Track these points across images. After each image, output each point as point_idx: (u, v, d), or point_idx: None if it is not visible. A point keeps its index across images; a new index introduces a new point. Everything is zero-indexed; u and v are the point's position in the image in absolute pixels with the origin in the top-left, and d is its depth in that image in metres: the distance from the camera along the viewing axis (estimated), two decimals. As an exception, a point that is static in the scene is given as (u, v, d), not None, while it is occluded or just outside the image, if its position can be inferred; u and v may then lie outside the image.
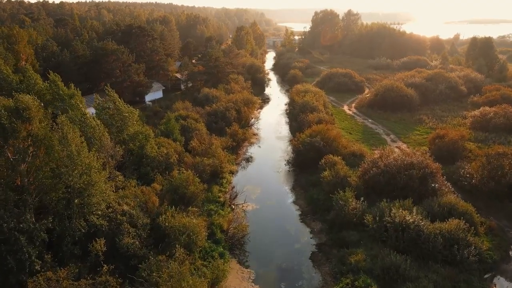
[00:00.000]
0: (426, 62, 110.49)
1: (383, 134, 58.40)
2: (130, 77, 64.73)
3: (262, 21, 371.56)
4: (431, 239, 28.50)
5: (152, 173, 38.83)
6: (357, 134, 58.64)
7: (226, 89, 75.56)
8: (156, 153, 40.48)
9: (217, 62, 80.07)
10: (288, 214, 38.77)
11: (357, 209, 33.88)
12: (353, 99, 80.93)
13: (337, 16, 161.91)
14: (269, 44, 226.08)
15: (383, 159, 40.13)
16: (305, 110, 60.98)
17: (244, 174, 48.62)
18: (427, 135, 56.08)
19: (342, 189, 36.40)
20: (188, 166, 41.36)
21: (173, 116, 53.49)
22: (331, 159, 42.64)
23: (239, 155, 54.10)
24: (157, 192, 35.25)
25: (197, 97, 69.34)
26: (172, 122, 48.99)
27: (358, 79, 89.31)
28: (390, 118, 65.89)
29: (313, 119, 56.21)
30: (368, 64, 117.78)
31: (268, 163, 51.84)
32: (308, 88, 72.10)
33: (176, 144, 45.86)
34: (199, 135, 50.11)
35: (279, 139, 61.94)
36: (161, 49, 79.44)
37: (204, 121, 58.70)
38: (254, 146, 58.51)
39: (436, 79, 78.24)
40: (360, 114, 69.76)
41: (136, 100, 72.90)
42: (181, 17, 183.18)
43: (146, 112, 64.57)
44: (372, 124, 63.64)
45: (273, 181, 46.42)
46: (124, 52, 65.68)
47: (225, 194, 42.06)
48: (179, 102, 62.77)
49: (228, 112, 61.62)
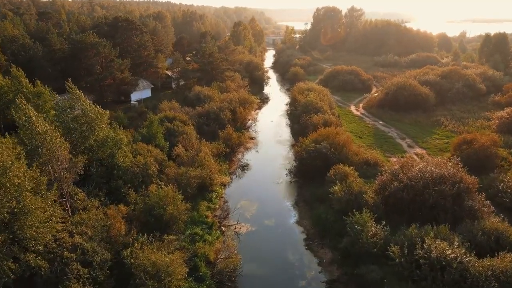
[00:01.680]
0: (436, 59, 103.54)
1: (398, 138, 51.37)
2: (112, 74, 57.70)
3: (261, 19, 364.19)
4: (482, 283, 21.48)
5: (125, 187, 31.79)
6: (368, 138, 51.61)
7: (221, 87, 68.53)
8: (130, 163, 33.44)
9: (211, 58, 73.05)
10: (291, 239, 31.77)
11: (377, 236, 26.87)
12: (360, 99, 73.89)
13: (340, 12, 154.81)
14: (269, 43, 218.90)
15: (405, 170, 33.10)
16: (309, 110, 54.02)
17: (238, 186, 41.61)
18: (448, 140, 49.20)
19: (357, 208, 29.60)
20: (170, 178, 34.33)
21: (157, 118, 46.49)
22: (342, 169, 35.62)
23: (233, 163, 47.08)
24: (127, 214, 28.26)
25: (188, 97, 62.33)
26: (154, 125, 41.99)
27: (365, 77, 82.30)
28: (403, 119, 58.86)
29: (318, 121, 49.22)
30: (374, 62, 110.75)
31: (267, 172, 44.85)
32: (311, 86, 65.12)
33: (157, 151, 38.86)
34: (186, 140, 43.09)
35: (279, 143, 54.94)
36: (150, 43, 72.40)
37: (194, 123, 51.73)
38: (251, 152, 51.51)
39: (452, 77, 71.23)
40: (369, 115, 62.73)
41: (121, 100, 65.94)
42: (177, 14, 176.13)
43: (130, 113, 57.56)
44: (384, 126, 56.60)
45: (272, 194, 39.41)
46: (106, 45, 58.65)
47: (215, 212, 35.05)
48: (165, 102, 55.74)
49: (222, 113, 54.63)
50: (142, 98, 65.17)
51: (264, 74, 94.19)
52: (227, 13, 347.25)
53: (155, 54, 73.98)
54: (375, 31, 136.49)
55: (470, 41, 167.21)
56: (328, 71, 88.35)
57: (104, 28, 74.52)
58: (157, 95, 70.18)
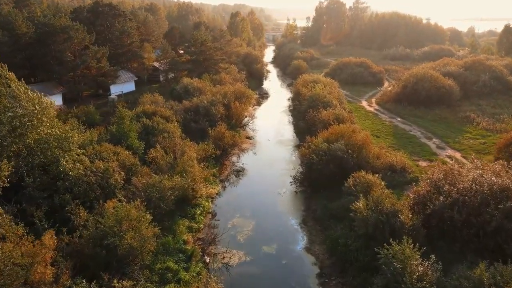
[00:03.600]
0: (451, 52, 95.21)
1: (423, 137, 42.98)
2: (86, 62, 49.28)
3: (261, 16, 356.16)
4: None
5: (74, 204, 23.38)
6: (387, 137, 43.22)
7: (214, 80, 60.19)
8: (84, 170, 25.04)
9: (204, 47, 64.63)
10: (298, 274, 23.36)
11: (427, 278, 18.48)
12: (372, 93, 65.53)
13: (344, 5, 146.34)
14: (268, 39, 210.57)
15: (450, 178, 24.75)
16: (316, 105, 45.71)
17: (230, 197, 33.22)
18: (485, 140, 40.91)
19: (390, 233, 21.45)
20: (138, 190, 25.95)
21: (132, 113, 38.17)
22: (364, 178, 27.22)
23: (225, 168, 38.69)
24: (70, 243, 19.93)
25: (175, 90, 53.92)
26: (126, 121, 33.59)
27: (376, 69, 73.88)
28: (425, 116, 50.44)
29: (327, 117, 40.88)
30: (383, 55, 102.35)
31: (266, 179, 36.52)
32: (317, 77, 56.75)
33: (127, 154, 30.48)
34: (167, 140, 34.73)
35: (281, 144, 46.59)
36: (135, 31, 63.97)
37: (180, 119, 43.43)
38: (247, 154, 43.19)
39: (476, 68, 62.91)
40: (385, 111, 54.34)
41: (99, 94, 57.55)
42: (172, 8, 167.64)
43: (106, 108, 49.19)
44: (404, 124, 48.21)
45: (273, 209, 31.01)
46: (79, 29, 50.21)
47: (198, 234, 26.66)
48: (146, 95, 47.34)
49: (213, 107, 46.27)
50: (122, 92, 56.69)
51: (263, 67, 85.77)
52: (226, 9, 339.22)
53: (141, 43, 65.55)
54: (382, 24, 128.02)
55: (481, 36, 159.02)
56: (334, 64, 79.89)
57: (83, 14, 66.05)
58: (142, 89, 61.73)
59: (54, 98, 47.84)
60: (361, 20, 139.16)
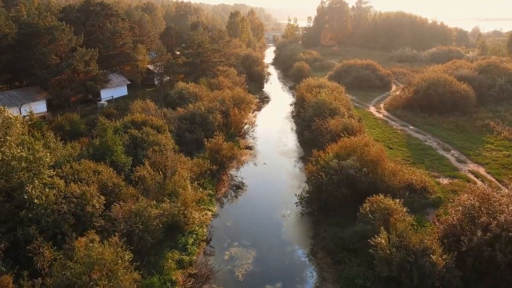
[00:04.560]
0: (459, 53, 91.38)
1: (440, 149, 39.13)
2: (72, 66, 45.46)
3: (261, 16, 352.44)
4: None
5: (41, 238, 19.60)
6: (401, 149, 39.38)
7: (212, 84, 56.39)
8: (54, 197, 21.24)
9: (201, 49, 60.81)
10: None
11: None
12: (379, 98, 61.71)
13: (346, 4, 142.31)
14: (269, 39, 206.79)
15: (487, 207, 20.95)
16: (322, 112, 41.95)
17: (228, 219, 29.38)
18: (508, 152, 37.16)
19: (419, 277, 17.78)
20: (119, 218, 22.13)
21: (119, 123, 34.35)
22: (383, 203, 23.38)
23: (223, 184, 34.87)
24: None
25: (169, 95, 50.09)
26: (109, 134, 29.75)
27: (383, 72, 69.98)
28: (440, 123, 46.63)
29: (335, 127, 37.11)
30: (389, 56, 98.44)
31: (269, 197, 32.72)
32: (322, 82, 52.91)
33: (110, 173, 26.67)
34: (157, 154, 30.93)
35: (284, 155, 42.79)
36: (127, 31, 60.13)
37: (174, 129, 39.63)
38: (247, 166, 39.40)
39: (491, 71, 59.07)
40: (395, 118, 50.51)
41: (89, 99, 53.72)
42: (170, 8, 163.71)
43: (94, 115, 45.33)
44: (417, 133, 44.38)
45: (276, 236, 27.16)
46: (65, 30, 46.38)
47: (189, 269, 22.82)
48: (137, 101, 43.51)
49: (210, 115, 42.52)
50: (113, 96, 52.81)
51: (264, 70, 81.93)
52: (225, 9, 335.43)
53: (134, 44, 61.71)
54: (386, 24, 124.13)
55: (486, 36, 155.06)
56: (339, 66, 76.00)
57: (73, 13, 62.23)
58: (135, 93, 57.93)
59: (37, 105, 44.29)
60: (364, 20, 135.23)
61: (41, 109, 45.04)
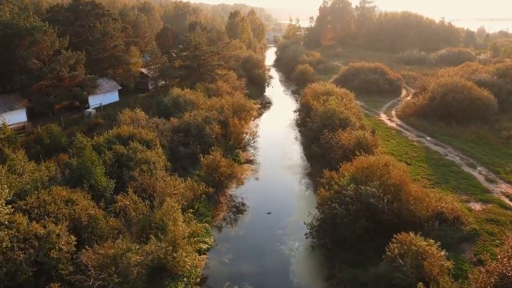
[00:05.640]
0: (470, 54, 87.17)
1: (464, 164, 34.89)
2: (55, 70, 41.28)
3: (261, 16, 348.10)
4: None
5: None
6: (420, 165, 35.09)
7: (210, 89, 52.20)
8: (8, 243, 17.04)
9: (198, 51, 56.59)
10: None
11: None
12: (390, 104, 57.46)
13: (349, 4, 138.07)
14: (269, 40, 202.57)
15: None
16: (331, 123, 37.81)
17: (226, 254, 25.15)
18: (543, 169, 32.88)
19: None
20: (90, 268, 17.90)
21: (102, 139, 30.15)
22: (415, 244, 19.15)
23: (220, 207, 30.68)
24: None
25: (162, 103, 45.89)
26: (86, 153, 25.54)
27: (393, 76, 65.70)
28: (460, 134, 42.38)
29: (348, 141, 32.92)
30: (396, 58, 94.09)
31: (273, 226, 28.45)
32: (330, 88, 48.61)
33: (86, 203, 22.47)
34: (145, 175, 26.78)
35: (288, 170, 38.62)
36: (118, 32, 55.89)
37: (168, 142, 35.45)
38: (248, 184, 35.19)
39: (510, 76, 54.82)
40: (409, 127, 46.30)
41: (76, 106, 49.51)
42: (168, 7, 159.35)
43: (79, 125, 41.12)
44: (436, 145, 40.13)
45: (283, 278, 22.90)
46: (47, 31, 42.19)
47: (178, 328, 18.60)
48: (125, 111, 39.28)
49: (208, 126, 38.30)
50: (101, 104, 48.53)
51: (266, 73, 77.70)
52: (225, 9, 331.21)
53: (127, 46, 57.47)
54: (391, 24, 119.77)
55: (493, 37, 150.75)
56: (345, 69, 71.74)
57: (61, 13, 58.06)
58: (127, 100, 53.71)
59: (16, 114, 40.13)
60: (368, 20, 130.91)
61: (20, 118, 40.90)
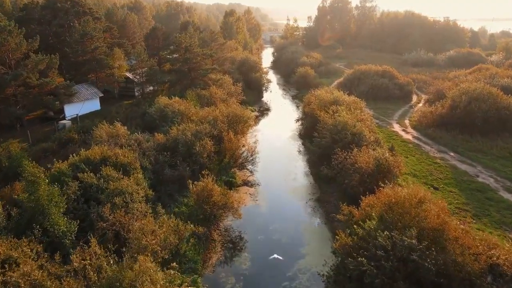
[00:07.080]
0: (480, 56, 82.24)
1: (501, 189, 29.58)
2: (21, 77, 35.46)
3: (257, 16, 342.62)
4: None
5: None
6: (450, 190, 29.70)
7: (202, 97, 46.55)
8: None
9: (189, 54, 50.88)
10: None
11: None
12: (401, 112, 52.16)
13: (349, 3, 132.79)
14: (266, 40, 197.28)
15: None
16: (343, 138, 32.41)
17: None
18: None
19: None
20: None
21: (65, 166, 24.43)
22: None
23: (213, 248, 25.07)
24: None
25: (148, 114, 40.17)
26: (41, 189, 19.82)
27: (402, 80, 60.37)
28: (487, 149, 37.11)
29: (366, 163, 27.46)
30: (401, 60, 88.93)
31: (278, 275, 22.88)
32: (338, 96, 43.06)
33: (33, 266, 16.76)
34: (120, 211, 21.17)
35: (293, 193, 33.12)
36: (100, 33, 50.00)
37: (151, 164, 29.78)
38: (246, 213, 29.53)
39: (534, 81, 49.83)
40: (428, 140, 41.00)
41: (50, 116, 43.68)
42: (160, 7, 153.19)
43: (48, 142, 35.24)
44: (462, 162, 34.81)
45: None
46: (12, 32, 36.33)
47: None
48: (102, 125, 33.49)
49: (198, 143, 32.57)
50: (77, 114, 42.63)
51: (263, 76, 72.18)
52: (220, 9, 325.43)
53: (111, 48, 51.62)
54: (394, 24, 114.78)
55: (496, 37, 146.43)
56: (349, 73, 66.35)
57: (37, 11, 52.15)
58: (110, 108, 47.90)
59: (-27, 129, 34.03)
60: (370, 20, 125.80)
61: (-20, 133, 35.01)
